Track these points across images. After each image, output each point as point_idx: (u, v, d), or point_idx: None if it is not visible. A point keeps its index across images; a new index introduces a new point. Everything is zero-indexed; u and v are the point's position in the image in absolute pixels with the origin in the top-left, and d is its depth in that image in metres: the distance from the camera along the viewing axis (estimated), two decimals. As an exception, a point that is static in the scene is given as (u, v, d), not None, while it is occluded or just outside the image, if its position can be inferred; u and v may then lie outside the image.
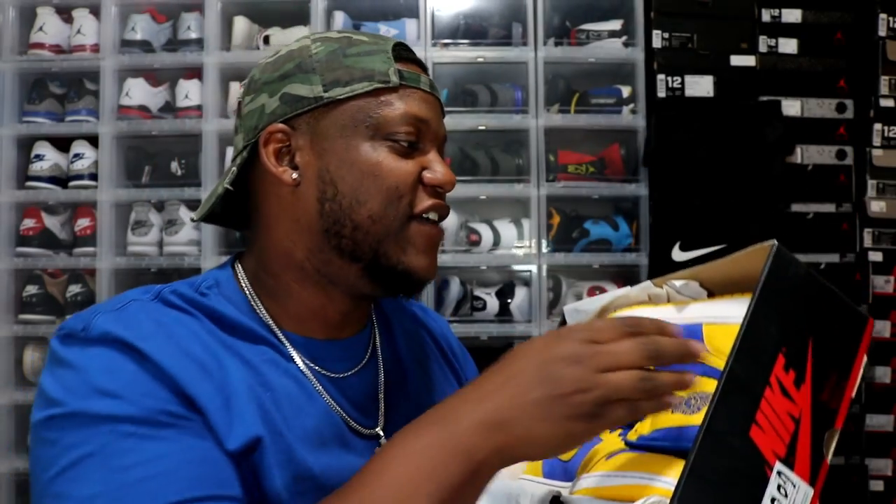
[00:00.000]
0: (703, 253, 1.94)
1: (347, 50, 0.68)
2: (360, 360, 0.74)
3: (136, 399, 0.55)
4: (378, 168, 0.66)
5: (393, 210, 0.66)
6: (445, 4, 2.06)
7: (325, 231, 0.67)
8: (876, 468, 1.96)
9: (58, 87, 2.03)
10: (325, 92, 0.66)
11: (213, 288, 0.69)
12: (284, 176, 0.67)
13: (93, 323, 0.59)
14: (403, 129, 0.67)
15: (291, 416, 0.63)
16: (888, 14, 1.98)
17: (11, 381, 1.96)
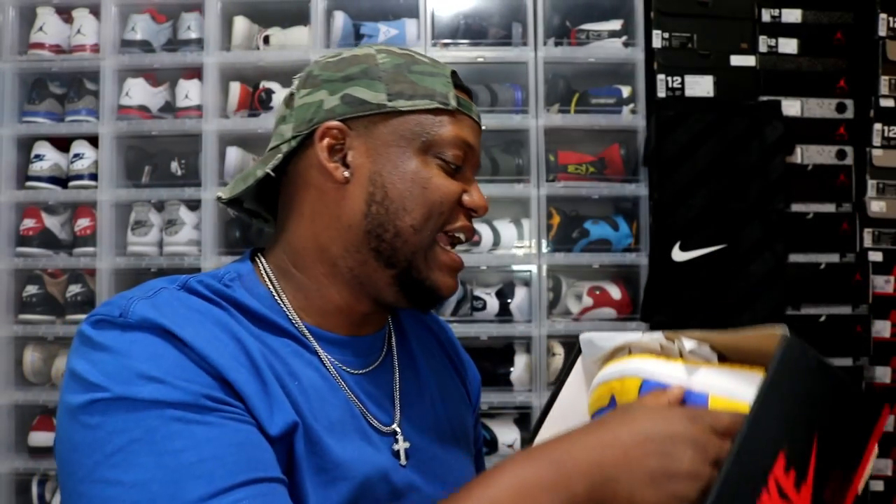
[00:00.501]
0: (703, 253, 1.94)
1: (412, 67, 0.72)
2: (377, 358, 0.76)
3: (181, 384, 0.55)
4: (428, 182, 0.69)
5: (431, 224, 0.70)
6: (445, 4, 2.06)
7: (367, 232, 0.69)
8: (876, 468, 1.96)
9: (58, 87, 2.03)
10: (389, 101, 0.69)
11: (236, 280, 0.70)
12: (336, 172, 0.69)
13: (131, 309, 0.59)
14: (453, 151, 0.71)
15: (317, 406, 0.65)
16: (888, 14, 1.98)
17: (11, 381, 1.96)
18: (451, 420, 0.81)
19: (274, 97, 2.00)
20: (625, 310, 2.00)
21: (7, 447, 1.94)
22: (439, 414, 0.79)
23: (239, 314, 0.65)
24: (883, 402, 0.60)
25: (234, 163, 1.98)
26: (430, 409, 0.78)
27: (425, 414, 0.77)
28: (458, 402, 0.84)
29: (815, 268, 1.97)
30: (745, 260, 1.94)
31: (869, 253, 1.98)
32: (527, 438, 0.97)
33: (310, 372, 0.67)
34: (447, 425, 0.79)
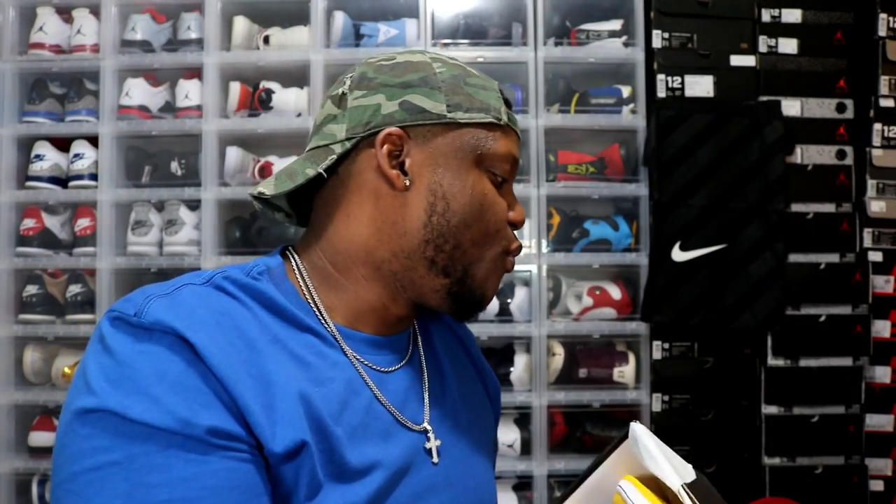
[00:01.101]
0: (703, 253, 1.94)
1: (467, 79, 0.72)
2: (404, 356, 0.76)
3: (177, 409, 0.54)
4: (485, 198, 0.71)
5: (490, 240, 0.71)
6: (445, 4, 2.06)
7: (425, 241, 0.69)
8: (876, 468, 1.96)
9: (58, 87, 2.03)
10: (448, 112, 0.69)
11: (265, 274, 0.69)
12: (398, 180, 0.69)
13: (146, 308, 0.57)
14: (504, 166, 0.72)
15: (339, 411, 0.64)
16: (888, 14, 1.98)
17: (11, 381, 1.96)
18: (475, 423, 0.81)
19: (274, 97, 2.00)
20: (625, 310, 2.00)
21: (7, 447, 1.94)
22: (464, 416, 0.79)
23: (263, 309, 0.65)
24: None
25: (234, 163, 1.98)
26: (455, 410, 0.79)
27: (451, 414, 0.78)
28: (480, 405, 0.85)
29: (815, 268, 1.97)
30: (745, 260, 1.94)
31: (869, 253, 1.98)
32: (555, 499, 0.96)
33: (334, 373, 0.66)
34: (472, 428, 0.80)
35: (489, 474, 0.82)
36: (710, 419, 1.94)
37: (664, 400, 1.95)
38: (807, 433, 1.94)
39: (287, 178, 0.71)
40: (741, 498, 1.90)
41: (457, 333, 0.88)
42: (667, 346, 1.96)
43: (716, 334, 1.95)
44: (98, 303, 1.93)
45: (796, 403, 1.96)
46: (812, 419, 1.95)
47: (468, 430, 0.79)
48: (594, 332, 1.98)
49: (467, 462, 0.77)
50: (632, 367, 1.98)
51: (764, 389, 1.96)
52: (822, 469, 1.93)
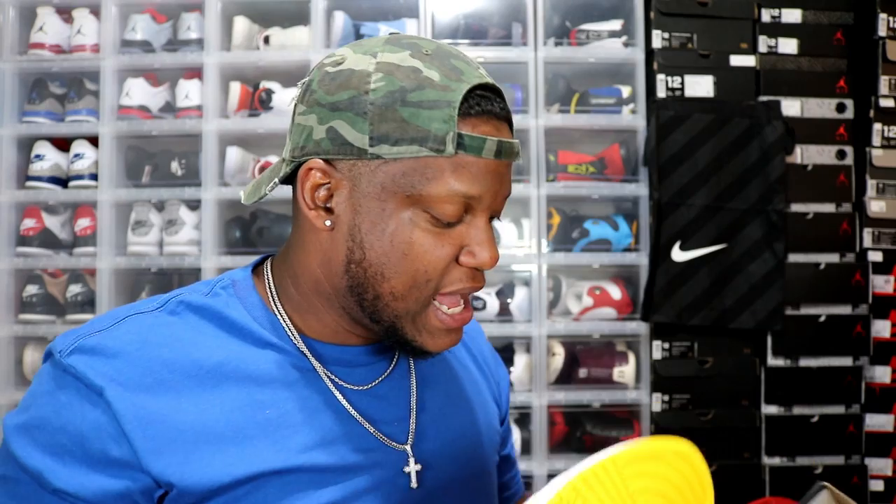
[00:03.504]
0: (703, 253, 1.94)
1: (408, 95, 0.59)
2: (385, 368, 0.71)
3: (42, 462, 0.58)
4: (409, 247, 0.60)
5: (416, 292, 0.62)
6: (445, 4, 2.06)
7: (347, 287, 0.63)
8: (876, 468, 1.96)
9: (58, 87, 2.03)
10: (370, 146, 0.59)
11: (229, 287, 0.68)
12: (318, 220, 0.63)
13: (70, 350, 0.60)
14: (447, 208, 0.60)
15: (293, 431, 0.62)
16: (888, 14, 1.98)
17: (11, 381, 1.96)
18: (474, 430, 0.76)
19: (274, 97, 2.00)
20: (625, 310, 2.00)
21: (7, 447, 1.94)
22: (460, 425, 0.74)
23: (219, 329, 0.64)
24: None
25: (234, 163, 1.98)
26: (449, 421, 0.73)
27: (444, 427, 0.72)
28: (482, 408, 0.79)
29: (815, 268, 1.97)
30: (745, 260, 1.94)
31: (869, 253, 1.98)
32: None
33: (296, 390, 0.64)
34: (469, 437, 0.74)
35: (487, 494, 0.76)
36: (710, 419, 1.94)
37: (664, 400, 1.95)
38: (807, 433, 1.95)
39: (255, 190, 0.70)
40: (741, 498, 1.90)
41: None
42: (667, 346, 1.96)
43: (716, 334, 1.95)
44: (98, 303, 1.93)
45: (796, 403, 1.96)
46: (812, 419, 1.95)
47: (465, 444, 0.73)
48: (594, 331, 1.98)
49: (460, 485, 0.72)
50: (632, 366, 1.98)
51: (764, 389, 1.96)
52: (822, 469, 1.93)
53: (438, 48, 0.62)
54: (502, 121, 0.62)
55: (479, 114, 0.60)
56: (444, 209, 0.60)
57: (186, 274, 1.99)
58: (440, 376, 0.75)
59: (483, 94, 0.61)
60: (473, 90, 0.60)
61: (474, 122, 0.60)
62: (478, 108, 0.60)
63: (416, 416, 0.70)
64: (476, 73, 0.61)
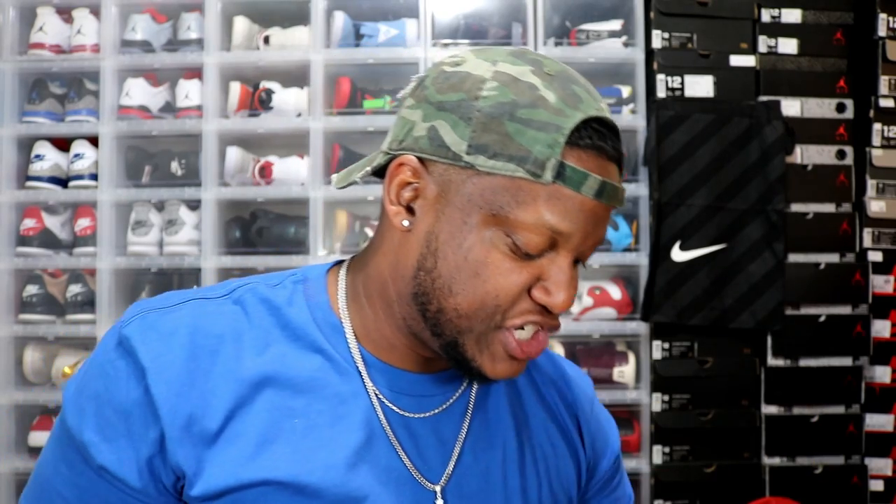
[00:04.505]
0: (703, 253, 1.94)
1: (519, 111, 0.55)
2: (448, 399, 0.66)
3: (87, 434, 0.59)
4: (482, 267, 0.56)
5: (482, 314, 0.58)
6: (445, 4, 2.06)
7: (412, 293, 0.60)
8: (876, 468, 1.96)
9: (58, 87, 2.03)
10: (467, 153, 0.56)
11: (299, 283, 0.66)
12: (396, 218, 0.60)
13: (130, 323, 0.62)
14: (532, 238, 0.56)
15: (318, 446, 0.60)
16: (888, 14, 1.98)
17: (11, 381, 1.96)
18: (515, 496, 0.67)
19: (274, 97, 2.00)
20: (625, 310, 2.00)
21: (7, 447, 1.94)
22: (500, 487, 0.67)
23: (276, 326, 0.63)
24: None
25: (234, 163, 1.98)
26: (491, 479, 0.66)
27: (483, 482, 0.66)
28: (554, 467, 0.71)
29: (815, 268, 1.97)
30: (745, 260, 1.94)
31: (869, 253, 1.98)
32: None
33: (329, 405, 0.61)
34: (518, 494, 0.67)
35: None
36: (710, 419, 1.94)
37: (664, 400, 1.95)
38: (807, 433, 1.94)
39: (346, 175, 0.67)
40: (741, 498, 1.90)
41: (556, 383, 0.75)
42: (667, 345, 1.96)
43: (716, 334, 1.95)
44: (98, 303, 1.93)
45: (796, 403, 1.96)
46: (812, 419, 1.95)
47: (510, 499, 0.67)
48: (594, 331, 1.98)
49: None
50: (632, 366, 1.98)
51: (764, 389, 1.96)
52: (822, 469, 1.93)
53: (563, 71, 0.59)
54: (612, 161, 0.58)
55: (588, 147, 0.56)
56: (528, 238, 0.56)
57: (186, 274, 1.99)
58: (503, 429, 0.69)
59: (597, 129, 0.57)
60: (588, 122, 0.56)
61: (580, 155, 0.56)
62: (588, 142, 0.56)
63: (455, 462, 0.65)
64: (595, 105, 0.57)
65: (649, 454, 1.94)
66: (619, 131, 0.60)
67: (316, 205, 1.94)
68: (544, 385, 0.74)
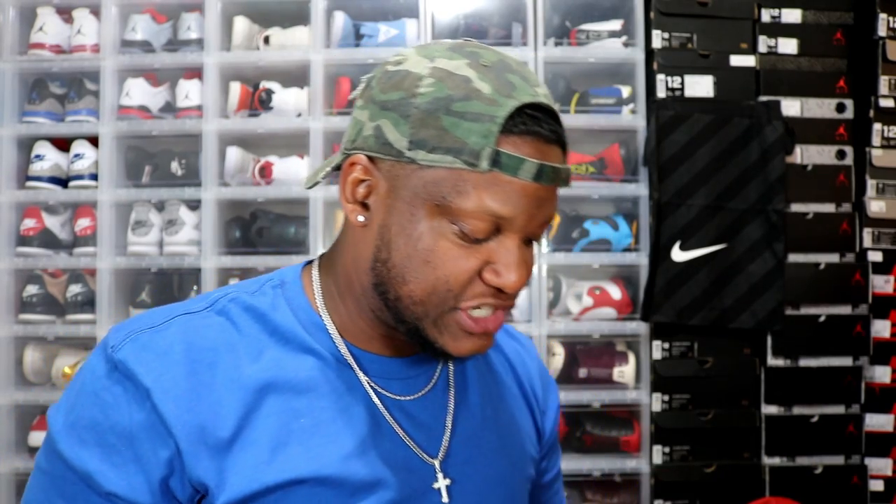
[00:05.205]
0: (703, 253, 1.94)
1: (453, 104, 0.57)
2: (430, 378, 0.71)
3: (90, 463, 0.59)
4: (432, 255, 0.59)
5: (436, 299, 0.61)
6: (445, 4, 2.06)
7: (373, 285, 0.63)
8: (876, 468, 1.96)
9: (58, 87, 2.03)
10: (408, 149, 0.58)
11: (277, 288, 0.68)
12: (352, 214, 0.63)
13: (122, 345, 0.61)
14: (475, 224, 0.58)
15: (328, 440, 0.63)
16: (888, 14, 1.98)
17: (11, 381, 1.96)
18: (506, 457, 0.74)
19: (274, 97, 2.00)
20: (625, 310, 2.00)
21: (7, 447, 1.94)
22: (491, 450, 0.73)
23: (263, 332, 0.65)
24: None
25: (234, 163, 1.98)
26: (481, 444, 0.72)
27: (476, 449, 0.71)
28: (517, 437, 0.77)
29: (815, 268, 1.97)
30: (745, 260, 1.94)
31: (869, 253, 1.98)
32: None
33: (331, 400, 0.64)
34: (499, 464, 0.73)
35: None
36: (710, 419, 1.94)
37: (664, 400, 1.95)
38: (807, 433, 1.94)
39: (313, 174, 0.70)
40: (741, 498, 1.90)
41: (504, 351, 0.81)
42: (667, 346, 1.96)
43: (716, 334, 1.95)
44: (98, 303, 1.93)
45: (796, 403, 1.96)
46: (812, 419, 1.95)
47: (492, 467, 0.72)
48: (594, 331, 1.98)
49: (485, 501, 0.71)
50: (632, 366, 1.98)
51: (764, 389, 1.96)
52: (822, 469, 1.93)
53: (500, 61, 0.61)
54: (551, 144, 0.60)
55: (523, 133, 0.58)
56: (472, 225, 0.59)
57: (186, 274, 1.99)
58: (479, 398, 0.74)
59: (532, 115, 0.58)
60: (523, 108, 0.58)
61: (516, 142, 0.58)
62: (522, 128, 0.58)
63: (449, 435, 0.69)
64: (530, 91, 0.59)
65: (649, 454, 1.94)
66: (558, 113, 0.61)
67: (316, 205, 1.94)
68: (505, 352, 0.80)
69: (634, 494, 1.97)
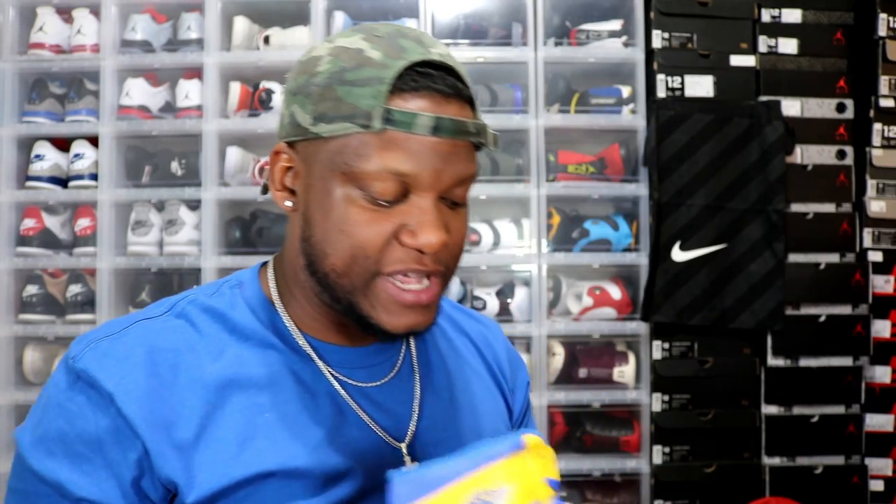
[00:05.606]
0: (703, 253, 1.94)
1: (346, 75, 0.59)
2: (393, 365, 0.71)
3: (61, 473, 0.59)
4: (345, 224, 0.60)
5: (357, 267, 0.60)
6: (445, 4, 2.06)
7: (305, 266, 0.64)
8: (876, 468, 1.96)
9: (58, 87, 2.03)
10: (312, 126, 0.60)
11: (236, 288, 0.69)
12: (281, 201, 0.65)
13: (82, 354, 0.62)
14: (379, 185, 0.59)
15: (294, 433, 0.63)
16: (888, 14, 1.98)
17: (11, 381, 1.96)
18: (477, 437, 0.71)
19: (274, 97, 2.00)
20: (625, 310, 2.00)
21: (7, 447, 1.94)
22: (460, 432, 0.73)
23: (224, 331, 0.65)
24: None
25: (234, 163, 1.98)
26: (449, 427, 0.72)
27: (443, 432, 0.72)
28: (488, 417, 0.77)
29: (815, 268, 1.97)
30: (745, 260, 1.94)
31: (869, 253, 1.98)
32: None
33: (294, 394, 0.64)
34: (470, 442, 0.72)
35: None
36: (710, 419, 1.94)
37: (664, 400, 1.95)
38: (807, 433, 1.95)
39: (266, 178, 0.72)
40: (741, 498, 1.90)
41: (467, 333, 0.81)
42: (667, 346, 1.96)
43: (716, 334, 1.95)
44: (98, 303, 1.93)
45: (796, 403, 1.96)
46: (812, 419, 1.95)
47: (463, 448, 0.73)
48: (594, 331, 1.98)
49: None
50: (632, 366, 1.98)
51: (764, 389, 1.96)
52: (822, 469, 1.93)
53: (396, 30, 0.62)
54: (449, 98, 0.60)
55: (415, 89, 0.58)
56: (376, 187, 0.59)
57: (186, 274, 1.99)
58: (444, 381, 0.75)
59: (425, 71, 0.59)
60: (414, 67, 0.59)
61: (408, 98, 0.58)
62: (413, 84, 0.58)
63: (416, 419, 0.70)
64: (421, 51, 0.59)
65: (649, 454, 1.94)
66: (458, 70, 0.61)
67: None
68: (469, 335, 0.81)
69: (634, 494, 1.97)
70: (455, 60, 0.62)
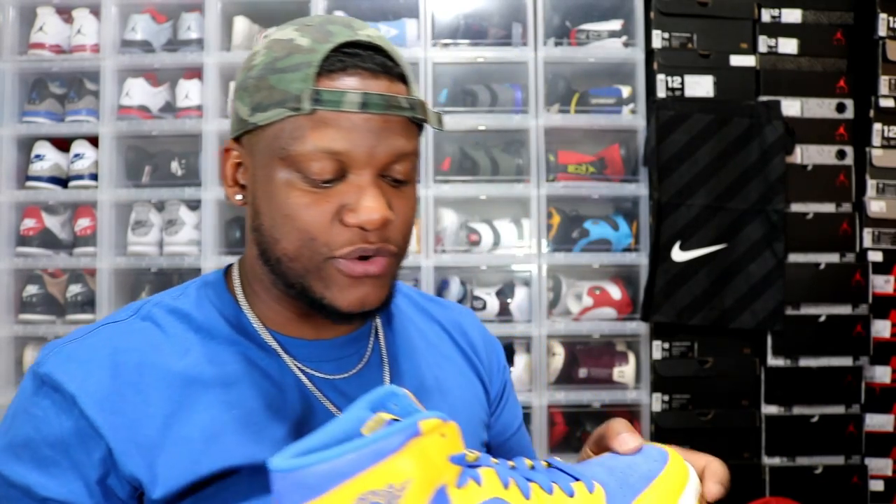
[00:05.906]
0: (703, 253, 1.94)
1: (277, 63, 0.61)
2: (361, 358, 0.71)
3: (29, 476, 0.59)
4: (288, 207, 0.61)
5: (307, 251, 0.61)
6: (445, 4, 2.06)
7: (259, 256, 0.65)
8: (876, 468, 1.96)
9: (58, 87, 2.03)
10: (250, 117, 0.62)
11: (202, 288, 0.70)
12: (233, 197, 0.67)
13: (46, 360, 0.62)
14: (315, 166, 0.59)
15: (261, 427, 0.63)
16: (888, 14, 1.98)
17: (11, 381, 1.96)
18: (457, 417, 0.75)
19: (274, 97, 2.00)
20: (625, 310, 2.00)
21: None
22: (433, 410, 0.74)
23: (190, 331, 0.66)
24: None
25: (235, 163, 1.98)
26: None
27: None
28: (464, 402, 0.77)
29: (815, 268, 1.97)
30: (745, 260, 1.94)
31: (869, 253, 1.98)
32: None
33: (261, 389, 0.64)
34: None
35: None
36: (710, 419, 1.94)
37: (664, 400, 1.95)
38: (807, 433, 1.95)
39: None
40: (741, 498, 1.90)
41: (438, 319, 0.82)
42: (667, 346, 1.96)
43: (716, 334, 1.96)
44: (98, 303, 1.93)
45: (796, 403, 1.96)
46: (812, 419, 1.95)
47: None
48: (594, 331, 1.98)
49: None
50: (632, 367, 1.98)
51: (764, 389, 1.96)
52: (822, 469, 1.93)
53: (327, 19, 0.64)
54: (377, 74, 0.61)
55: (342, 69, 0.60)
56: (313, 167, 0.59)
57: (186, 274, 1.99)
58: (414, 370, 0.75)
59: (352, 52, 0.60)
60: (341, 48, 0.60)
61: (335, 78, 0.60)
62: (340, 64, 0.60)
63: None
64: (348, 33, 0.61)
65: (649, 454, 1.94)
66: (388, 48, 0.62)
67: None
68: (440, 322, 0.81)
69: (634, 494, 1.97)
70: (385, 41, 0.63)
